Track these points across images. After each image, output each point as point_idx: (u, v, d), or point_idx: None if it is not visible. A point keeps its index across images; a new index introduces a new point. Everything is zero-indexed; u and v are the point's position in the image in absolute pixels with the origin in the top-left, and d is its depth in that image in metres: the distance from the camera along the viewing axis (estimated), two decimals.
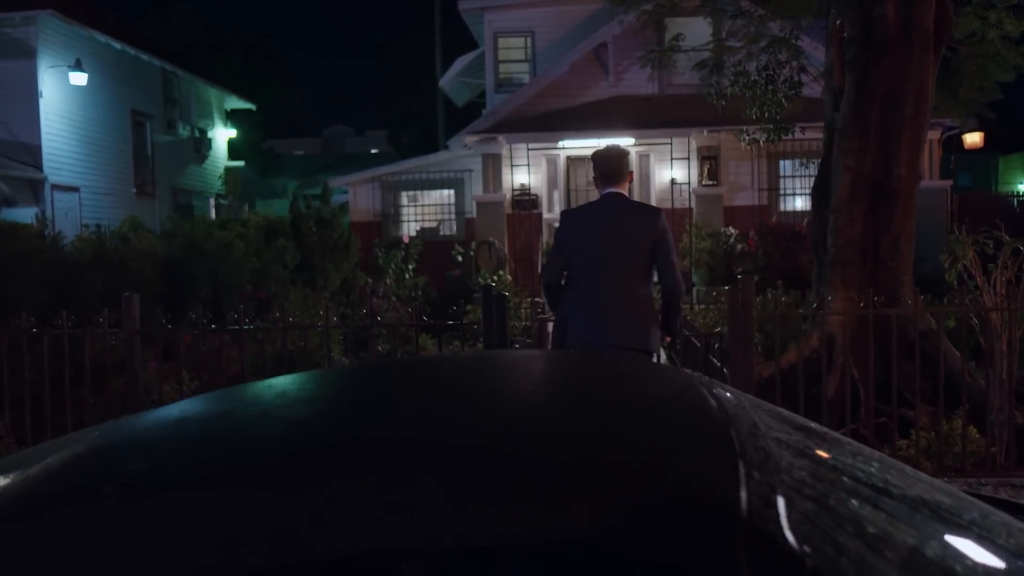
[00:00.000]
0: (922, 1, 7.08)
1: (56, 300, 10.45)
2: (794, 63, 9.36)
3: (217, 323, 13.51)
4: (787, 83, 9.19)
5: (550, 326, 5.73)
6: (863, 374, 7.16)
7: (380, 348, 11.41)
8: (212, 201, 23.55)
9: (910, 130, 7.29)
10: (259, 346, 6.30)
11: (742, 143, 10.26)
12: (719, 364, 5.95)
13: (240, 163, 30.64)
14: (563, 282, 5.03)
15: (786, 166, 17.36)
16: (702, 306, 15.60)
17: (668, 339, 5.25)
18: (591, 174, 5.25)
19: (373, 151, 69.95)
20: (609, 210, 4.98)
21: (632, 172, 5.24)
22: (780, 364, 7.04)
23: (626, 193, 5.11)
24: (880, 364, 7.13)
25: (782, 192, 17.51)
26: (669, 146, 16.75)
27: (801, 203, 17.55)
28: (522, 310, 13.92)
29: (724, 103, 9.69)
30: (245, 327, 5.72)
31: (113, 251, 11.92)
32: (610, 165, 5.07)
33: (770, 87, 9.17)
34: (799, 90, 9.41)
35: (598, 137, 16.71)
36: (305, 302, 15.80)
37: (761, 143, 9.82)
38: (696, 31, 14.25)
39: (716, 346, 6.65)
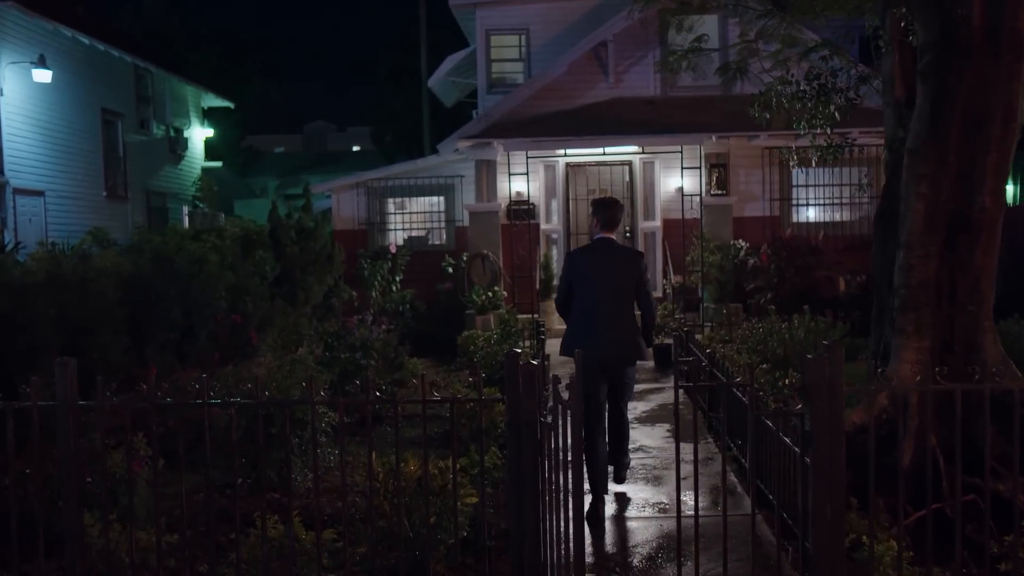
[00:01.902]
0: (1015, 2, 6.01)
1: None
2: (852, 71, 8.29)
3: (188, 355, 12.49)
4: (841, 93, 8.14)
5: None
6: (945, 440, 6.12)
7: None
8: (185, 209, 22.30)
9: (996, 152, 6.23)
10: (230, 413, 5.17)
11: (791, 164, 9.18)
12: (797, 450, 4.87)
13: (218, 164, 29.39)
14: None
15: (799, 175, 16.32)
16: (709, 325, 14.55)
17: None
18: (591, 186, 7.88)
19: (355, 148, 68.73)
20: (601, 254, 6.63)
21: (621, 218, 6.87)
22: (845, 428, 5.99)
23: (615, 238, 6.76)
24: (964, 424, 6.10)
25: (795, 202, 16.48)
26: (675, 154, 15.66)
27: (815, 214, 16.53)
28: (524, 333, 12.81)
29: (768, 117, 8.61)
30: (211, 400, 4.58)
31: (71, 271, 10.71)
32: (607, 216, 6.70)
33: (822, 98, 8.12)
34: (858, 102, 8.35)
35: (601, 145, 15.64)
36: (285, 321, 14.69)
37: (813, 162, 8.76)
38: (706, 31, 13.18)
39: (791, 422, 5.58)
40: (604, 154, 16.19)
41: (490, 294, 15.26)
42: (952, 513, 5.61)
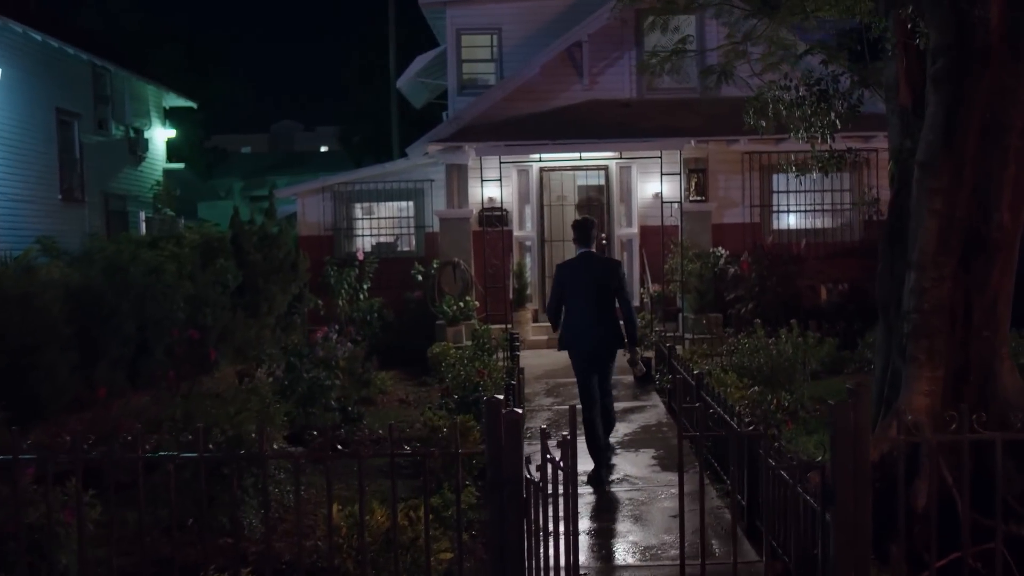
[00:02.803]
0: None
1: None
2: (845, 76, 7.76)
3: (143, 371, 11.79)
4: (843, 99, 7.62)
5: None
6: (961, 480, 5.62)
7: (333, 404, 9.69)
8: (143, 215, 21.49)
9: (1015, 165, 5.74)
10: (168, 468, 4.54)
11: (791, 173, 8.65)
12: (817, 506, 4.32)
13: (180, 165, 28.54)
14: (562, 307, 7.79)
15: (780, 181, 15.86)
16: (689, 337, 14.06)
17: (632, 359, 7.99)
18: (565, 191, 8.99)
19: (323, 149, 67.77)
20: (585, 265, 7.84)
21: (598, 236, 7.98)
22: None
23: (594, 250, 8.02)
24: (979, 461, 5.62)
25: (776, 209, 16.00)
26: (653, 159, 15.14)
27: (796, 221, 16.08)
28: (498, 349, 12.24)
29: (764, 124, 8.08)
30: (146, 454, 3.97)
31: (12, 284, 9.98)
32: (584, 234, 7.88)
33: (823, 104, 7.60)
34: (860, 108, 7.84)
35: (577, 150, 15.10)
36: (247, 334, 14.02)
37: (825, 173, 8.22)
38: (686, 32, 12.69)
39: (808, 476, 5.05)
40: (580, 159, 15.63)
41: (461, 304, 14.67)
42: (974, 561, 5.14)
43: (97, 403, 9.75)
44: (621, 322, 7.83)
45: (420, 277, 15.86)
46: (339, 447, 4.04)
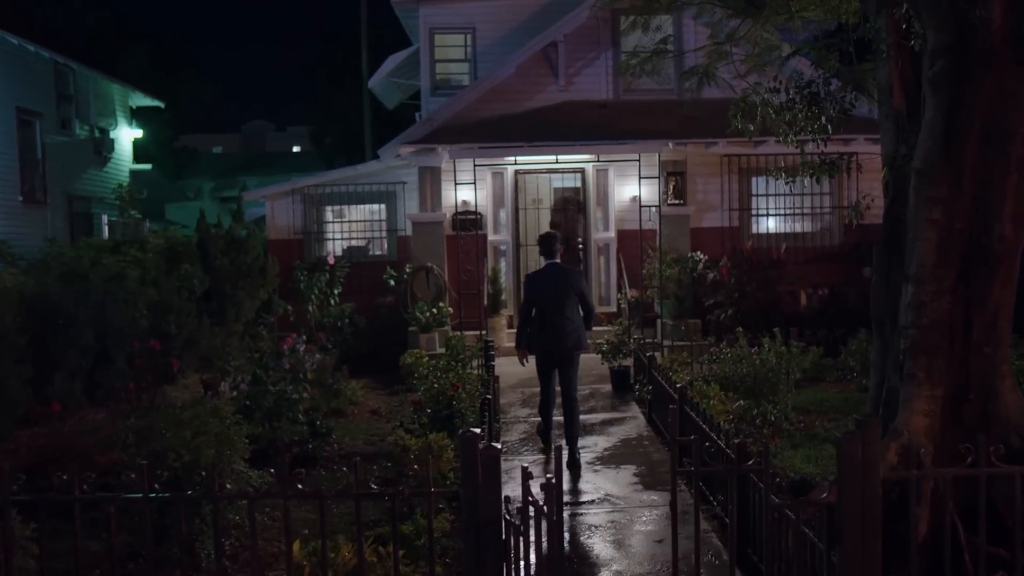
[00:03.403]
0: None
1: None
2: (844, 79, 7.44)
3: (102, 383, 11.31)
4: (835, 102, 7.31)
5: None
6: (966, 504, 5.33)
7: (301, 418, 9.29)
8: (105, 218, 20.92)
9: (1017, 173, 5.45)
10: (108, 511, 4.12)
11: (784, 182, 8.32)
12: (822, 546, 3.99)
13: (147, 166, 27.93)
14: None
15: (759, 184, 15.60)
16: (668, 344, 13.75)
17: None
18: (541, 194, 12.08)
19: (295, 149, 67.12)
20: (552, 275, 8.75)
21: (562, 248, 9.10)
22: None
23: (559, 261, 8.89)
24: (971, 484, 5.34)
25: (755, 212, 15.73)
26: (630, 162, 14.83)
27: (775, 224, 15.82)
28: (473, 360, 11.87)
29: (752, 128, 7.75)
30: (84, 495, 3.58)
31: None
32: (548, 248, 8.87)
33: (814, 108, 7.28)
34: (850, 112, 7.54)
35: (553, 152, 14.76)
36: (212, 342, 13.55)
37: (806, 178, 7.91)
38: (665, 32, 12.38)
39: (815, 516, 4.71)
40: (556, 161, 15.29)
41: (435, 311, 14.29)
42: None
43: (52, 418, 9.32)
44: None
45: (392, 282, 15.47)
46: (299, 486, 3.65)
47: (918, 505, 5.28)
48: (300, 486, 3.78)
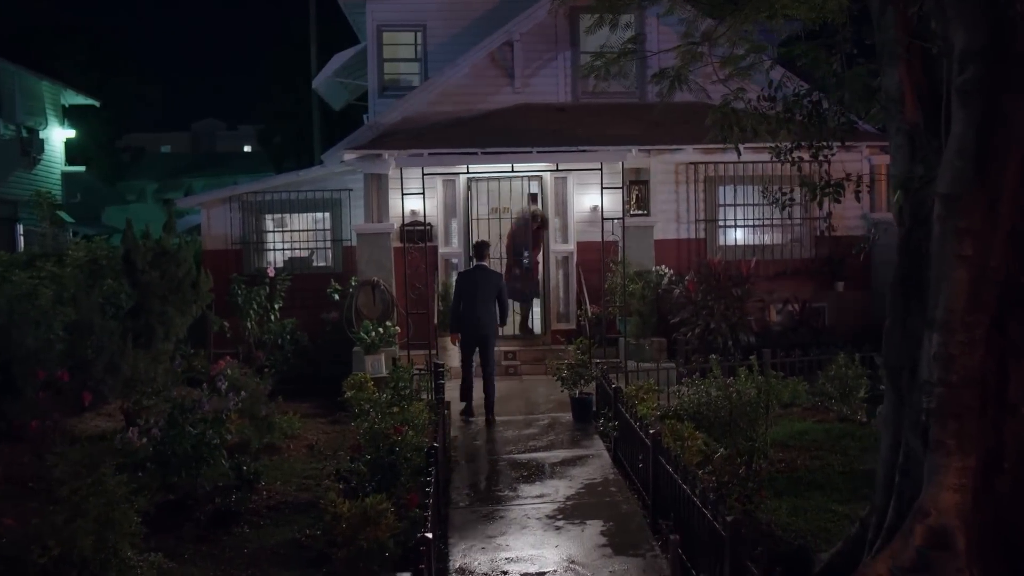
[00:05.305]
0: None
1: None
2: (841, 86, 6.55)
3: (8, 413, 10.12)
4: (838, 113, 6.41)
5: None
6: None
7: (224, 463, 8.23)
8: (20, 228, 19.57)
9: None
10: None
11: (779, 209, 7.41)
12: None
13: (81, 168, 26.51)
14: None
15: (726, 193, 14.76)
16: (633, 367, 12.72)
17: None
18: (494, 203, 14.85)
19: (246, 148, 65.48)
20: (479, 276, 11.30)
21: (489, 253, 11.70)
22: None
23: (487, 264, 11.55)
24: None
25: (722, 223, 14.88)
26: (591, 171, 13.86)
27: (743, 236, 14.99)
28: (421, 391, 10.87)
29: (736, 138, 6.85)
30: None
31: None
32: (479, 253, 11.49)
33: (814, 119, 6.39)
34: (853, 124, 6.66)
35: (508, 160, 13.75)
36: (136, 367, 12.38)
37: (799, 199, 7.01)
38: (629, 32, 11.45)
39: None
40: (512, 169, 14.29)
41: (381, 330, 13.23)
42: None
43: None
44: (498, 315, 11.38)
45: (337, 296, 14.41)
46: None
47: None
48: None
